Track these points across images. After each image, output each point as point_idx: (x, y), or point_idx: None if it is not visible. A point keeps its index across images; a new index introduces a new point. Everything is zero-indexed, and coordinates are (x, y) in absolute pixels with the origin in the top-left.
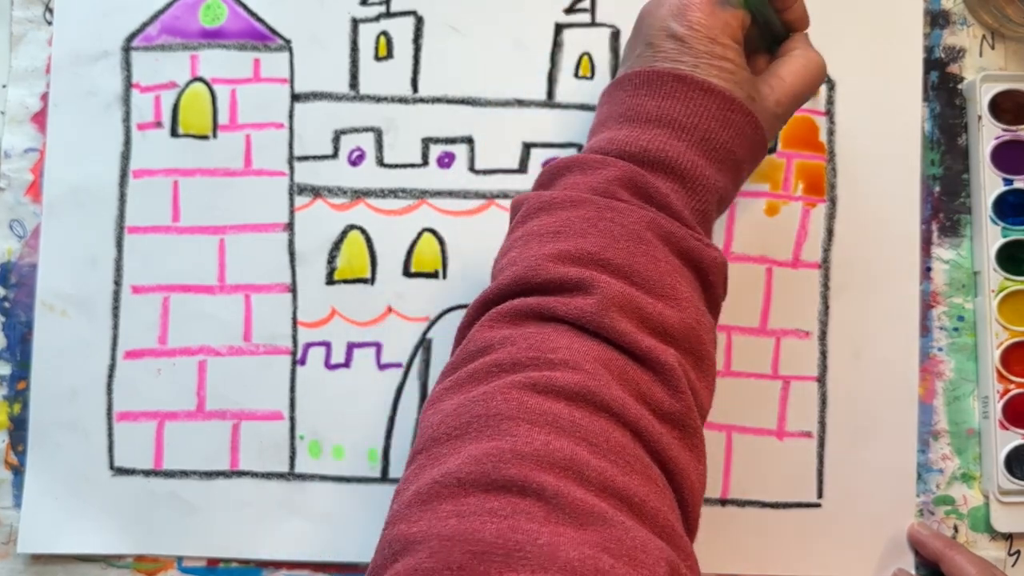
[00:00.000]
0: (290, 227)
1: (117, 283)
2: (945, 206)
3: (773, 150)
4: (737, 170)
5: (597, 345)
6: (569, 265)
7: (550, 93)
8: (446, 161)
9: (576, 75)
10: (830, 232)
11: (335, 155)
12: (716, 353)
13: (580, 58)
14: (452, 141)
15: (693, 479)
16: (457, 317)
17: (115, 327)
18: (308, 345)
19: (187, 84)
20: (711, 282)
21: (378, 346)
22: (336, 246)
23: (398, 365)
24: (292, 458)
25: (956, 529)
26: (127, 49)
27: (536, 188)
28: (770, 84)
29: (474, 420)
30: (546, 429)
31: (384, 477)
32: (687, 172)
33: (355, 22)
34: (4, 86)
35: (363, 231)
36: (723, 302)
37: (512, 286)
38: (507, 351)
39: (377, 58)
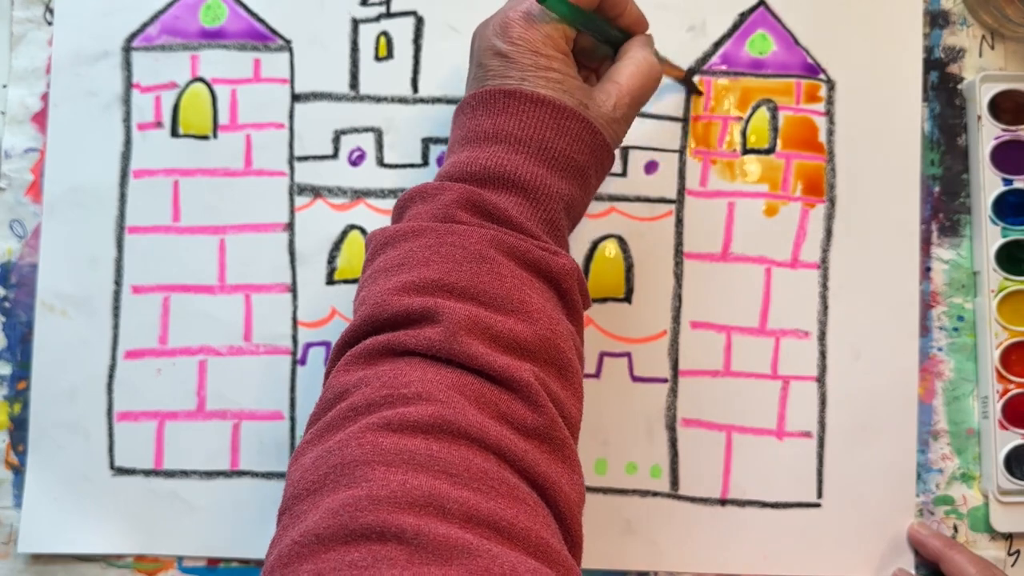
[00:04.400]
0: (290, 227)
1: (117, 283)
2: (945, 206)
3: (772, 151)
4: (582, 177)
5: (451, 372)
6: (414, 295)
7: None
8: None
9: None
10: (829, 232)
11: (335, 155)
12: (580, 361)
13: None
14: None
15: (568, 491)
16: None
17: (115, 327)
18: (308, 345)
19: (187, 84)
20: (565, 289)
21: None
22: (336, 246)
23: None
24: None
25: (956, 529)
26: (127, 49)
27: (391, 223)
28: (606, 89)
29: (331, 471)
30: (403, 468)
31: None
32: (528, 183)
33: (355, 22)
34: (4, 86)
35: (363, 231)
36: (585, 309)
37: (363, 326)
38: (361, 393)
39: (377, 58)
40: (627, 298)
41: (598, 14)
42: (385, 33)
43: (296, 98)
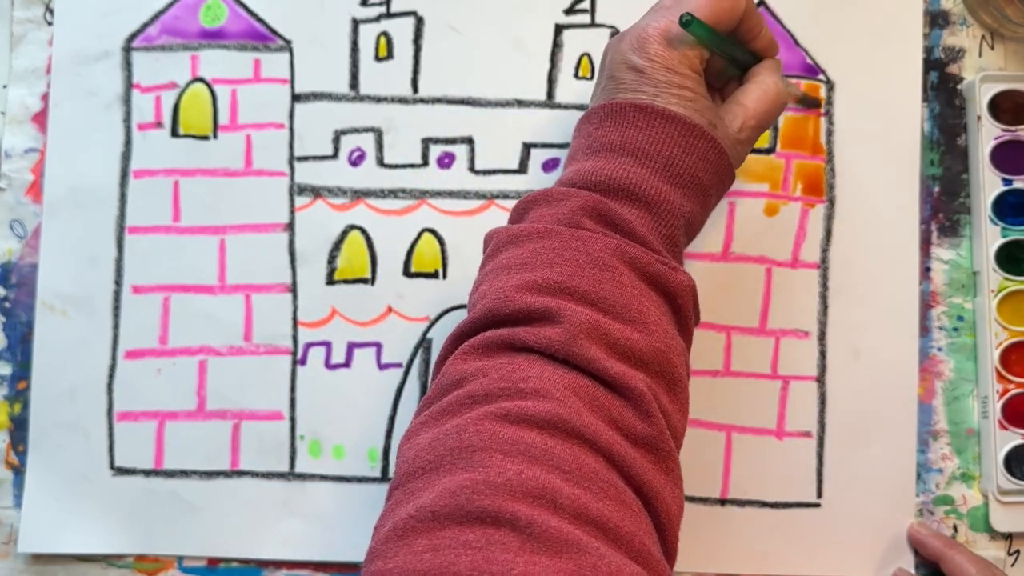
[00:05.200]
0: (290, 227)
1: (117, 283)
2: (945, 206)
3: (772, 151)
4: (704, 195)
5: (567, 373)
6: (537, 295)
7: (550, 93)
8: (446, 161)
9: (576, 75)
10: (828, 232)
11: (335, 155)
12: (688, 377)
13: (580, 59)
14: (452, 141)
15: (669, 502)
16: (457, 317)
17: (115, 327)
18: (308, 345)
19: (187, 84)
20: (680, 305)
21: (378, 346)
22: (336, 246)
23: (398, 365)
24: (292, 458)
25: (956, 529)
26: (127, 49)
27: (509, 223)
28: (731, 111)
29: (448, 453)
30: (519, 459)
31: (384, 477)
32: (652, 198)
33: (355, 22)
34: (5, 86)
35: (363, 231)
36: (695, 326)
37: (483, 319)
38: (479, 383)
39: (377, 58)
40: None
41: (734, 36)
42: (385, 33)
43: (296, 98)
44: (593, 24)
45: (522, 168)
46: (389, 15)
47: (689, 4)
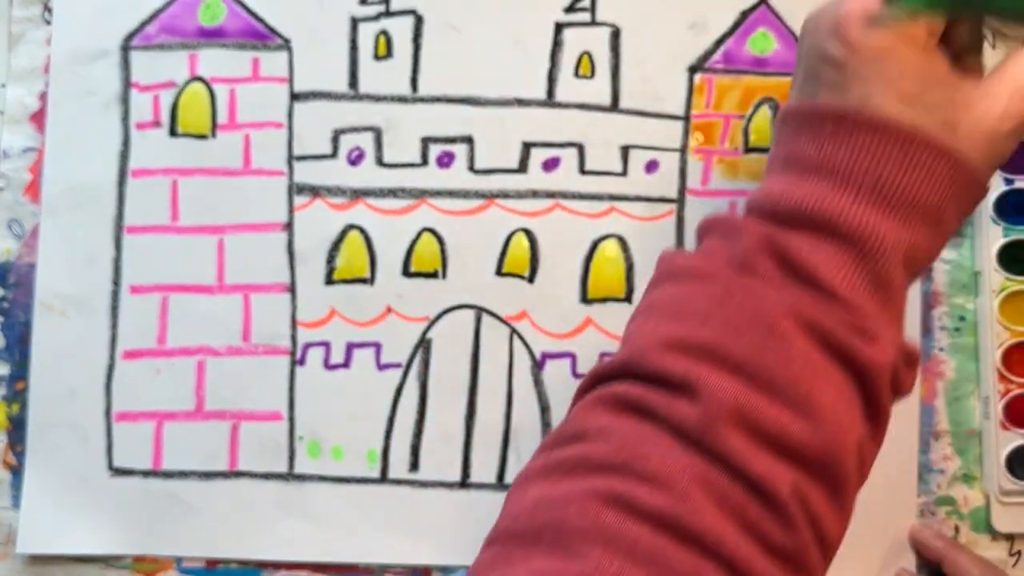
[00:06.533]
0: (289, 227)
1: (116, 283)
2: None
3: None
4: (935, 219)
5: (697, 460)
6: (677, 355)
7: (550, 92)
8: (446, 161)
9: (576, 74)
10: None
11: (334, 155)
12: (863, 476)
13: (580, 57)
14: (452, 140)
15: None
16: (457, 316)
17: (114, 327)
18: (307, 345)
19: (186, 83)
20: (871, 386)
21: (377, 346)
22: (335, 246)
23: (397, 365)
24: (291, 459)
25: (957, 530)
26: (126, 48)
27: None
28: (993, 91)
29: (548, 527)
30: (620, 557)
31: (383, 478)
32: (852, 231)
33: (354, 21)
34: (3, 85)
35: (362, 231)
36: (906, 395)
37: (620, 369)
38: (598, 447)
39: (376, 57)
40: (627, 298)
41: None
42: (384, 32)
43: (295, 97)
44: (594, 23)
45: (522, 168)
46: (388, 14)
47: None
